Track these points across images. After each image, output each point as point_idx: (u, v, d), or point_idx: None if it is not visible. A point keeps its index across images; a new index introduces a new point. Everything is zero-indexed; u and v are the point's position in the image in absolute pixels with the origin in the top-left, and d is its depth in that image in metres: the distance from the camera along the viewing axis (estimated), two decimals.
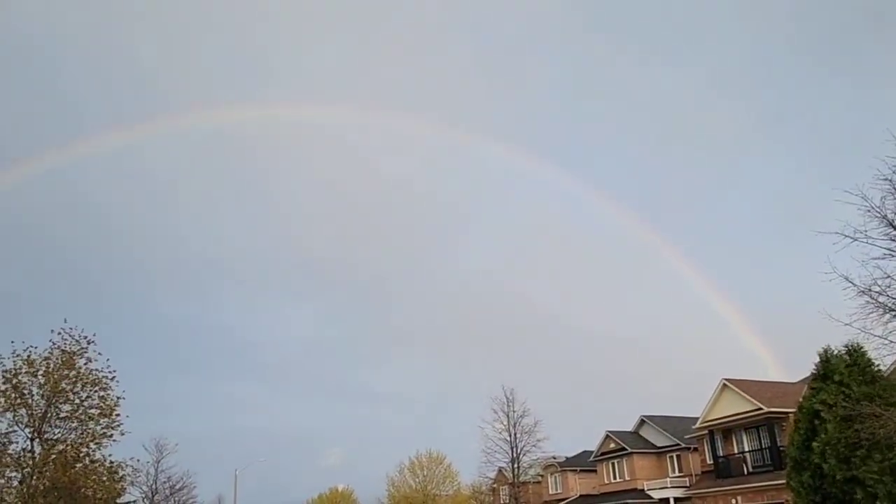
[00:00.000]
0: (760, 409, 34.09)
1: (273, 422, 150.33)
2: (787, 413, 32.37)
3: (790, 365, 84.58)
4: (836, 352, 21.65)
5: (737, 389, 35.76)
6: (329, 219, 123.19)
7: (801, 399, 23.33)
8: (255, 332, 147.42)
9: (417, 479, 62.33)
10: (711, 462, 38.40)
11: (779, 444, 33.35)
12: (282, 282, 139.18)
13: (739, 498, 34.92)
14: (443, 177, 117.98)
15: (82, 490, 24.12)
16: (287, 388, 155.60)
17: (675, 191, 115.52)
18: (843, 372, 20.74)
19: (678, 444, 43.72)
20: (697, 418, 38.71)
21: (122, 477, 26.27)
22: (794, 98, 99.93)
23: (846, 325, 15.55)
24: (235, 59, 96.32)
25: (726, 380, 36.52)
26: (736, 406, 35.75)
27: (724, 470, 37.05)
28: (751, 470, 35.50)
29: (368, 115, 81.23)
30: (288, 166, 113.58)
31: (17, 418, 23.17)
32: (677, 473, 43.60)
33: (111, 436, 24.45)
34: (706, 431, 38.31)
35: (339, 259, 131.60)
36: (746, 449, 36.33)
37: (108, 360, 24.87)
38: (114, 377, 24.77)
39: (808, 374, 29.67)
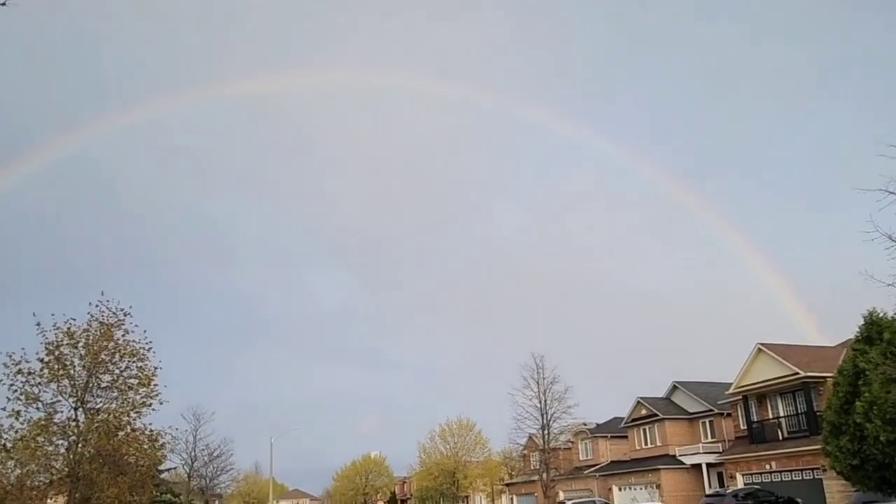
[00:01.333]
0: (797, 373, 33.46)
1: (308, 391, 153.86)
2: (824, 377, 31.76)
3: (828, 329, 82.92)
4: (881, 314, 21.04)
5: (772, 354, 35.11)
6: (362, 188, 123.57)
7: (840, 362, 22.79)
8: (291, 303, 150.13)
9: (448, 446, 63.19)
10: (745, 428, 37.99)
11: (815, 409, 32.78)
12: (316, 252, 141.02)
13: (774, 463, 34.58)
14: (477, 142, 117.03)
15: (125, 457, 24.88)
16: (321, 358, 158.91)
17: (716, 150, 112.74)
18: (895, 331, 20.13)
19: (711, 410, 43.33)
20: (731, 384, 38.24)
21: (162, 444, 27.04)
22: (846, 53, 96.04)
23: (888, 285, 14.96)
24: (268, 27, 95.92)
25: (761, 344, 35.86)
26: (771, 371, 35.16)
27: (758, 435, 36.65)
28: (786, 435, 35.05)
29: (403, 80, 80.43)
30: (322, 137, 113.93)
31: (60, 389, 23.85)
32: (710, 439, 43.31)
33: (150, 405, 25.06)
34: (740, 397, 37.84)
35: (370, 228, 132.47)
36: (781, 414, 35.82)
37: (144, 331, 25.40)
38: (150, 348, 25.31)
39: (846, 338, 28.96)
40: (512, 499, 63.93)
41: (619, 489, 46.77)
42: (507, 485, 65.58)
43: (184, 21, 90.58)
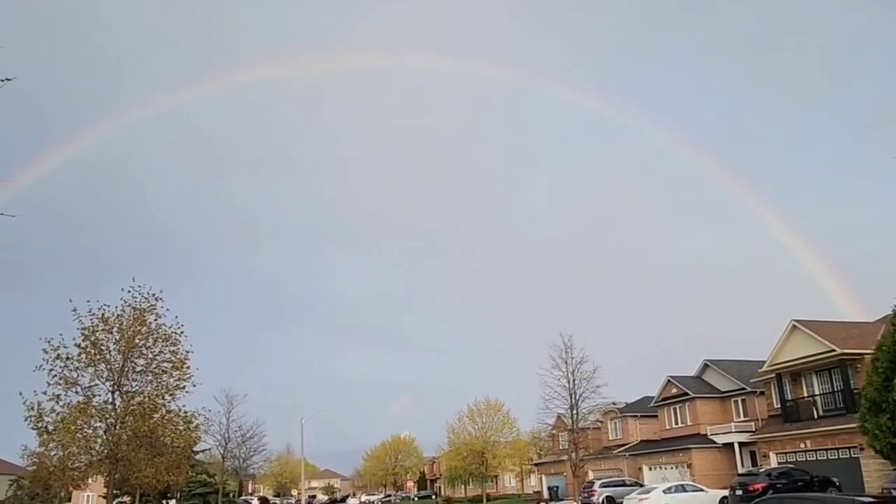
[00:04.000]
0: (833, 350, 32.69)
1: (338, 374, 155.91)
2: (862, 354, 30.95)
3: (867, 305, 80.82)
4: None
5: (807, 331, 34.33)
6: (388, 172, 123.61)
7: (880, 337, 22.12)
8: (319, 288, 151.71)
9: (476, 427, 63.41)
10: (779, 406, 37.35)
11: (852, 386, 32.03)
12: (344, 237, 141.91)
13: (809, 442, 33.98)
14: (504, 121, 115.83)
15: (161, 438, 25.48)
16: (351, 342, 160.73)
17: (749, 125, 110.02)
18: None
19: (743, 389, 42.68)
20: (763, 362, 37.58)
21: (196, 426, 27.60)
22: (883, 24, 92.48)
23: None
24: (288, 11, 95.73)
25: (796, 321, 35.08)
26: (806, 348, 34.41)
27: (792, 414, 36.01)
28: (821, 414, 34.37)
29: (430, 61, 79.69)
30: (353, 118, 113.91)
31: (97, 373, 24.44)
32: (742, 418, 42.75)
33: (184, 387, 25.56)
34: (773, 375, 37.18)
35: (397, 212, 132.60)
36: (817, 392, 35.11)
37: (176, 316, 25.83)
38: (182, 332, 25.73)
39: (885, 313, 28.08)
40: (541, 478, 64.13)
41: (650, 469, 46.52)
42: (536, 465, 65.79)
43: (206, 5, 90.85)
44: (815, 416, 34.56)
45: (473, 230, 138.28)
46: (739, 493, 30.34)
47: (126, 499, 45.91)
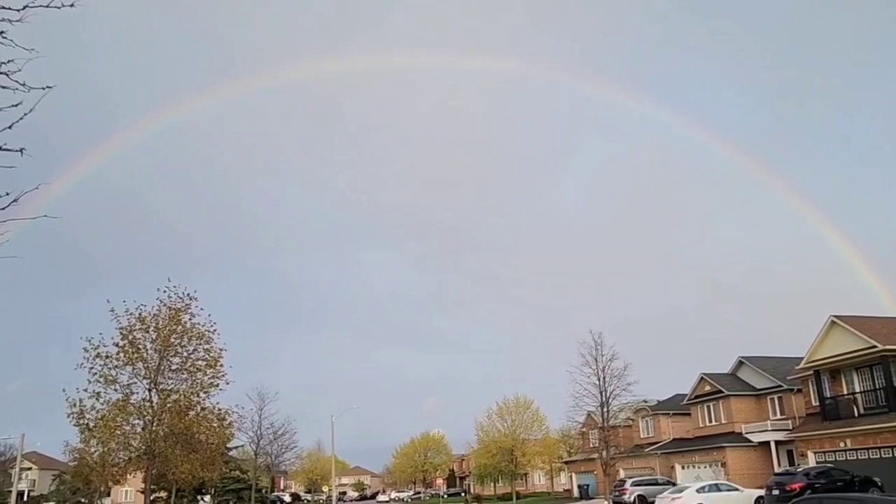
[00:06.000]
0: (874, 346, 31.75)
1: (369, 372, 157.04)
2: None
3: None
4: None
5: (847, 326, 33.41)
6: (415, 170, 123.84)
7: None
8: (349, 285, 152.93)
9: (506, 424, 63.29)
10: (817, 404, 36.43)
11: (895, 384, 31.09)
12: (374, 235, 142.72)
13: (849, 441, 33.08)
14: (534, 117, 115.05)
15: (196, 435, 25.97)
16: (381, 340, 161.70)
17: (784, 120, 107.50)
18: None
19: (780, 386, 41.74)
20: (801, 359, 36.69)
21: (230, 423, 28.09)
22: None
23: None
24: (319, 10, 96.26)
25: (835, 316, 34.17)
26: (846, 344, 33.49)
27: (831, 412, 35.09)
28: (861, 412, 33.43)
29: (456, 60, 79.57)
30: (376, 117, 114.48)
31: (135, 371, 25.05)
32: (778, 416, 41.80)
33: (217, 385, 26.03)
34: (811, 372, 36.28)
35: (426, 210, 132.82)
36: (857, 390, 34.15)
37: (209, 314, 26.28)
38: (215, 330, 26.17)
39: None
40: (571, 476, 63.68)
41: (683, 467, 45.82)
42: (566, 462, 65.35)
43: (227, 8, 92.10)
44: (856, 414, 33.63)
45: (503, 228, 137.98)
46: (776, 492, 29.67)
47: (162, 494, 46.92)
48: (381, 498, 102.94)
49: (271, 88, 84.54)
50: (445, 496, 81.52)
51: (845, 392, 34.72)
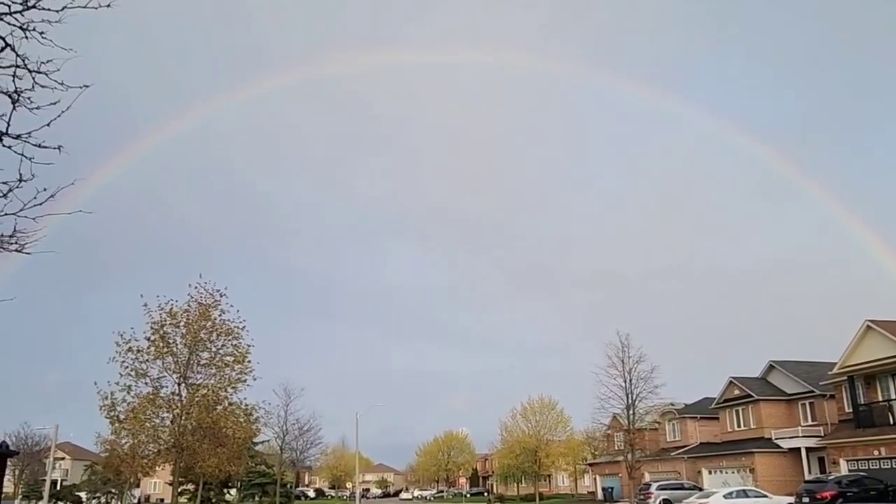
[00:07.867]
0: None
1: (394, 367, 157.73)
2: None
3: None
4: None
5: (883, 331, 32.52)
6: (446, 168, 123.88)
7: None
8: (376, 282, 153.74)
9: (530, 424, 63.02)
10: (850, 410, 35.52)
11: None
12: (401, 232, 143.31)
13: (883, 449, 32.18)
14: (563, 117, 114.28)
15: (223, 430, 26.35)
16: (406, 336, 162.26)
17: (822, 122, 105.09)
18: None
19: (811, 391, 40.81)
20: (833, 364, 35.83)
21: (256, 419, 28.44)
22: None
23: None
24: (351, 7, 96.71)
25: (870, 321, 33.29)
26: (881, 350, 32.60)
27: (865, 419, 34.17)
28: None
29: (481, 58, 79.40)
30: (405, 114, 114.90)
31: (165, 365, 25.52)
32: (810, 422, 40.89)
33: (245, 381, 26.37)
34: (845, 377, 35.38)
35: (455, 208, 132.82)
36: (893, 396, 33.22)
37: (238, 311, 26.65)
38: (244, 326, 26.52)
39: None
40: (595, 479, 63.14)
41: (710, 472, 45.07)
42: (591, 464, 64.82)
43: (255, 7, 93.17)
44: (891, 421, 32.72)
45: (530, 226, 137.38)
46: (806, 500, 29.07)
47: (190, 486, 47.75)
48: (404, 496, 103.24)
49: (299, 86, 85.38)
50: (468, 496, 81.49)
51: (880, 399, 33.79)
